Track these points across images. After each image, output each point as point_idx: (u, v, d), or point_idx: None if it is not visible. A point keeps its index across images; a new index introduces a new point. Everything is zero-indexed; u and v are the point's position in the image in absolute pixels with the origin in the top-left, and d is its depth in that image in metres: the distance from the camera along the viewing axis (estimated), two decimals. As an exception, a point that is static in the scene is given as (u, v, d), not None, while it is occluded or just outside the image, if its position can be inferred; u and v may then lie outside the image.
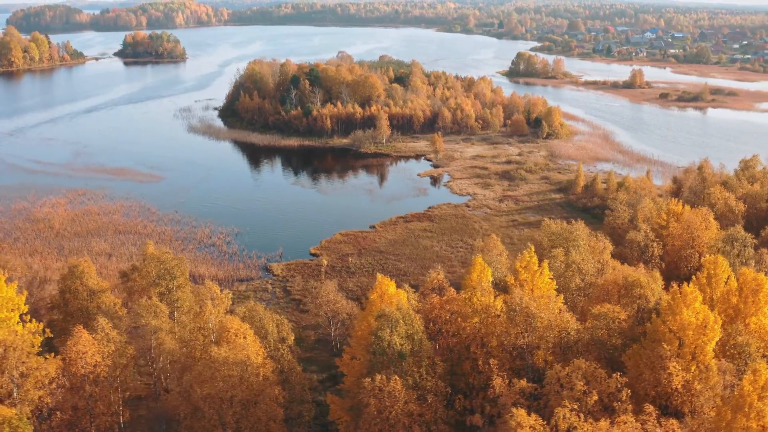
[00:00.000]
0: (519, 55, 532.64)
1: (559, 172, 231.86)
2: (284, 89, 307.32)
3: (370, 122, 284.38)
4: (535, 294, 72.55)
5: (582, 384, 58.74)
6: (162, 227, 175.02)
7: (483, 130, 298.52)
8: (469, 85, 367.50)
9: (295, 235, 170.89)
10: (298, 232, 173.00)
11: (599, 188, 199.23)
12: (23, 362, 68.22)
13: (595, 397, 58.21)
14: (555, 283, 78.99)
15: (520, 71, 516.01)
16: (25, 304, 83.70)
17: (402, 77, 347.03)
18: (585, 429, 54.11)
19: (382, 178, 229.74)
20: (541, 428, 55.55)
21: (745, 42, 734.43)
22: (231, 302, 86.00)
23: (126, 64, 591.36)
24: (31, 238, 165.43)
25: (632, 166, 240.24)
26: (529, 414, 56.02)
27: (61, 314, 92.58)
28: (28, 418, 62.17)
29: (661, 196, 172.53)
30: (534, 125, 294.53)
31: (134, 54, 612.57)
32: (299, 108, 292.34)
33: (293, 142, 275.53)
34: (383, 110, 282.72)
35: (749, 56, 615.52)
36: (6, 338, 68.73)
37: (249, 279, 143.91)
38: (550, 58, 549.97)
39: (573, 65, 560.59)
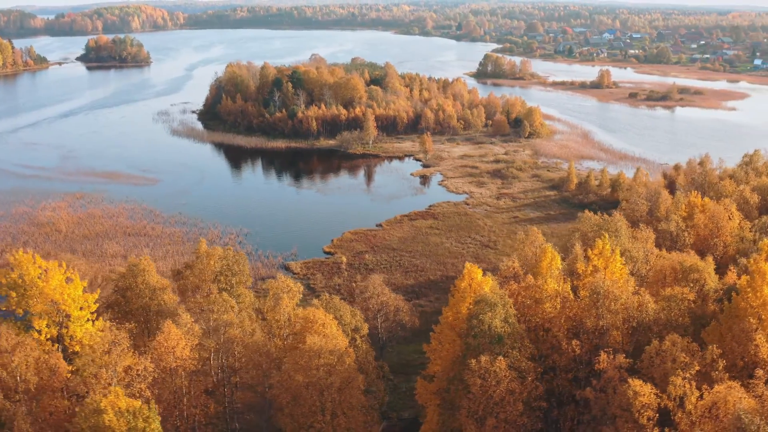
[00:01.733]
0: (486, 57, 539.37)
1: (548, 170, 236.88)
2: (267, 92, 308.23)
3: (354, 123, 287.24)
4: (610, 278, 76.13)
5: (684, 356, 62.53)
6: (170, 228, 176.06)
7: (465, 131, 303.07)
8: (444, 86, 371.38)
9: (305, 234, 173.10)
10: (308, 232, 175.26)
11: (593, 185, 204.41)
12: (126, 357, 69.97)
13: (697, 367, 62.03)
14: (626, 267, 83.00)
15: (487, 72, 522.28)
16: (95, 302, 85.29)
17: (378, 79, 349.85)
18: (697, 393, 58.11)
19: (377, 178, 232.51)
20: (655, 396, 59.30)
21: (702, 42, 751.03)
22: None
23: (89, 68, 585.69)
24: (40, 241, 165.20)
25: (616, 164, 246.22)
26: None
27: (119, 313, 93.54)
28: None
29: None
30: (514, 125, 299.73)
31: (98, 58, 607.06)
32: (284, 110, 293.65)
33: (280, 144, 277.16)
34: (370, 111, 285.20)
35: (708, 56, 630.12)
36: (110, 334, 70.41)
37: (270, 277, 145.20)
38: (517, 60, 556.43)
39: (536, 66, 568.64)
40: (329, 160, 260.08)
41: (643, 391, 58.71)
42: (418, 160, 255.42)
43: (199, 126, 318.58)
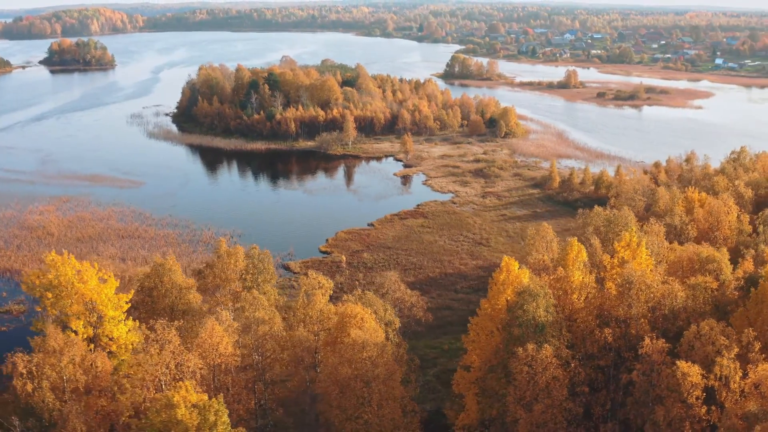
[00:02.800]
0: (453, 58, 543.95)
1: (529, 169, 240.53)
2: (244, 94, 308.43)
3: (332, 125, 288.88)
4: (638, 269, 78.95)
5: (724, 339, 65.47)
6: (163, 231, 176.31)
7: (441, 131, 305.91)
8: (415, 87, 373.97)
9: (299, 234, 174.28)
10: (301, 232, 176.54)
11: (576, 183, 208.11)
12: (177, 354, 71.16)
13: (736, 350, 65.00)
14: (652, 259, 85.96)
15: (455, 73, 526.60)
16: (126, 303, 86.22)
17: (350, 81, 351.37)
18: (740, 373, 61.19)
19: (361, 178, 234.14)
20: (701, 377, 62.20)
21: (663, 42, 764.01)
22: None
23: (53, 72, 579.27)
24: (33, 245, 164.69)
25: (593, 162, 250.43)
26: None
27: (145, 313, 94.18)
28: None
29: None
30: (489, 125, 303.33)
31: (62, 62, 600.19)
32: (262, 112, 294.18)
33: (259, 145, 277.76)
34: (348, 112, 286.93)
35: (669, 56, 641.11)
36: (162, 333, 71.51)
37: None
38: (484, 61, 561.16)
39: (501, 67, 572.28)
40: (310, 161, 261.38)
41: (691, 372, 61.48)
42: (399, 160, 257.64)
43: (175, 128, 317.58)
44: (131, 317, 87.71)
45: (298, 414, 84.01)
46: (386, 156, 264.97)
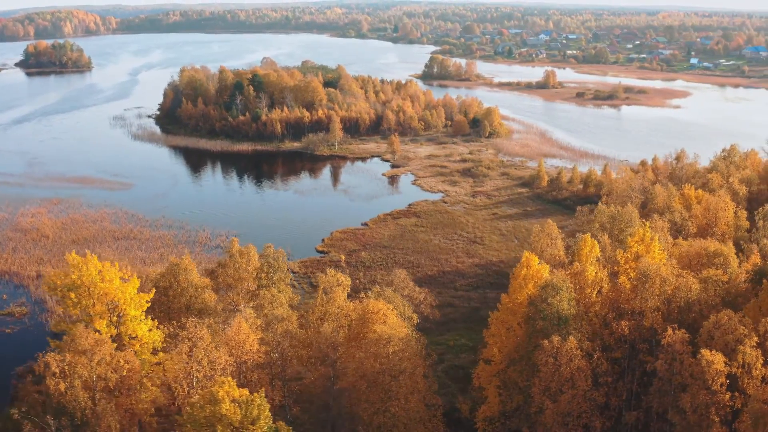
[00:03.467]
0: (432, 59, 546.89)
1: (516, 168, 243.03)
2: (228, 95, 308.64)
3: (318, 126, 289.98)
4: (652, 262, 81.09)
5: (743, 328, 67.69)
6: (158, 232, 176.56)
7: (426, 131, 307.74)
8: (397, 88, 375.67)
9: (294, 234, 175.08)
10: (296, 232, 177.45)
11: (564, 182, 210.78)
12: (209, 351, 72.23)
13: (756, 338, 67.22)
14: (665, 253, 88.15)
15: (433, 74, 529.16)
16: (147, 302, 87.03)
17: (332, 82, 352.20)
18: (762, 360, 63.49)
19: (350, 178, 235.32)
20: (725, 365, 64.35)
21: (637, 42, 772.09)
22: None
23: (29, 74, 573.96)
24: (29, 247, 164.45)
25: (578, 161, 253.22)
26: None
27: (160, 312, 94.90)
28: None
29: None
30: (473, 125, 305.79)
31: (38, 64, 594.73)
32: (247, 113, 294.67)
33: (245, 147, 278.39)
34: (334, 113, 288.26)
35: (644, 55, 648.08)
36: (194, 331, 72.54)
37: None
38: (463, 62, 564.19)
39: (478, 67, 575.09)
40: (298, 162, 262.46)
41: (716, 360, 63.62)
42: (386, 160, 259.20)
43: (159, 130, 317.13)
44: (149, 316, 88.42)
45: (313, 411, 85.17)
46: (373, 156, 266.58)
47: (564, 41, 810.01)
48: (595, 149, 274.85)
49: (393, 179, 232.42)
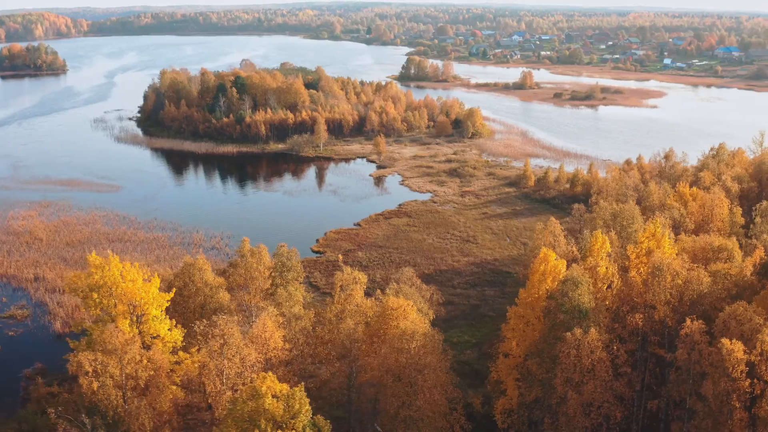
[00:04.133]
0: (409, 60, 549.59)
1: (501, 168, 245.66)
2: (211, 97, 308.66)
3: (302, 127, 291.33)
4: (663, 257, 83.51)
5: (759, 318, 70.10)
6: (153, 234, 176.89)
7: (409, 132, 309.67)
8: (377, 89, 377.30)
9: (287, 235, 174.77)
10: (290, 232, 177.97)
11: (551, 181, 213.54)
12: (240, 348, 73.43)
13: (772, 327, 69.94)
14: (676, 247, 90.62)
15: (411, 75, 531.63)
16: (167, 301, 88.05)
17: (313, 83, 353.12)
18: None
19: (338, 179, 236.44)
20: (744, 353, 66.70)
21: (610, 42, 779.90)
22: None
23: (3, 77, 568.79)
24: (23, 250, 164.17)
25: (561, 161, 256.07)
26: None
27: (175, 312, 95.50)
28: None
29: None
30: (455, 126, 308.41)
31: (12, 67, 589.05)
32: (231, 115, 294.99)
33: (230, 149, 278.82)
34: (320, 115, 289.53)
35: (618, 56, 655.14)
36: (225, 329, 73.68)
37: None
38: (440, 63, 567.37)
39: (453, 69, 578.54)
40: (284, 163, 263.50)
41: (736, 348, 65.98)
42: (372, 161, 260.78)
43: (141, 133, 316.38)
44: (166, 316, 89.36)
45: (327, 408, 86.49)
46: (358, 157, 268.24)
47: (537, 42, 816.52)
48: (577, 149, 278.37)
49: (381, 180, 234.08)
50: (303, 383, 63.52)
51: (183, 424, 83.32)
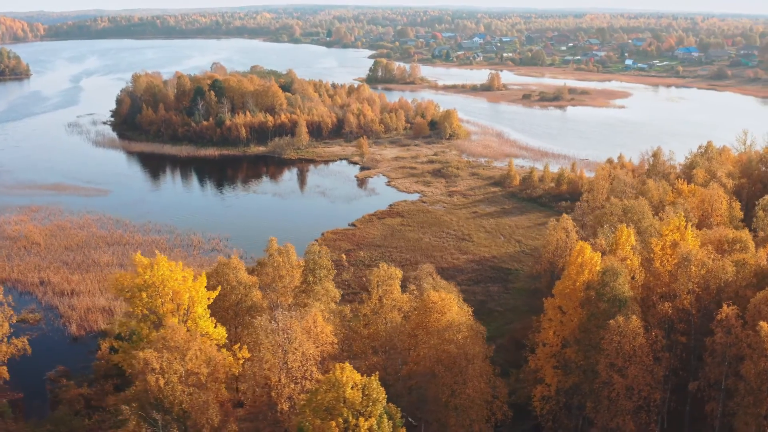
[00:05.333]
0: (377, 62, 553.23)
1: (483, 168, 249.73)
2: (190, 101, 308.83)
3: (281, 130, 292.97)
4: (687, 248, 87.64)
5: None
6: (150, 237, 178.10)
7: (386, 134, 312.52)
8: (350, 91, 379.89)
9: (285, 236, 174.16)
10: (287, 233, 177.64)
11: (536, 180, 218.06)
12: (302, 342, 75.74)
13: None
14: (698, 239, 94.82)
15: (378, 77, 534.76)
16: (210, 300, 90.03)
17: (286, 86, 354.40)
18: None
19: (324, 181, 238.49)
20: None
21: (570, 44, 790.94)
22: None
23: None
24: (22, 254, 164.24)
25: (540, 160, 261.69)
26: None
27: (211, 311, 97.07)
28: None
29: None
30: (431, 127, 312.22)
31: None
32: (210, 119, 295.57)
33: (211, 152, 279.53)
34: (301, 117, 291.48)
35: (579, 57, 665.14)
36: (284, 321, 75.92)
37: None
38: (407, 65, 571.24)
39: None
40: (267, 166, 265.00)
41: (773, 331, 70.44)
42: (354, 163, 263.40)
43: (117, 137, 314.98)
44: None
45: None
46: (340, 159, 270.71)
47: (499, 44, 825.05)
48: (554, 149, 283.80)
49: (367, 181, 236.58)
50: (378, 373, 66.06)
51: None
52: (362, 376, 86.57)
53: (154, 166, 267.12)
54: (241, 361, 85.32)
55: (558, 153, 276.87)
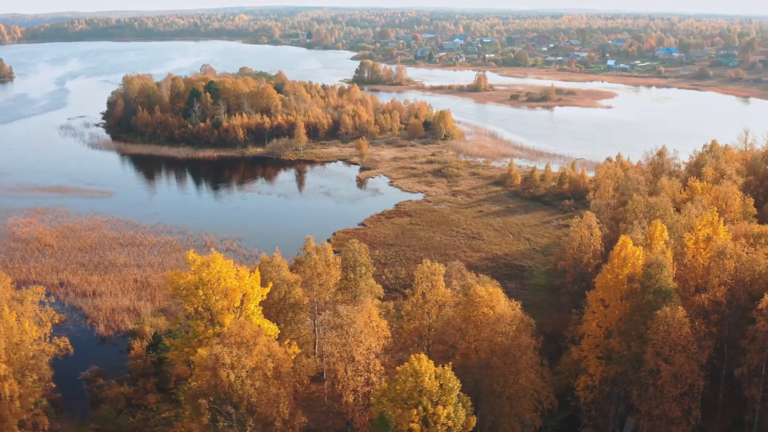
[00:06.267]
0: (363, 64, 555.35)
1: (482, 168, 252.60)
2: (185, 102, 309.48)
3: (278, 131, 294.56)
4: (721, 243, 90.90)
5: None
6: (164, 238, 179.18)
7: (381, 135, 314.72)
8: (341, 92, 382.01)
9: (298, 235, 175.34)
10: (299, 233, 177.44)
11: (537, 180, 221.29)
12: (361, 333, 77.93)
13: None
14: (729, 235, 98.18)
15: (365, 79, 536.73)
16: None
17: (277, 87, 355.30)
18: None
19: (326, 181, 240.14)
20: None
21: (551, 45, 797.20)
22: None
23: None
24: (36, 256, 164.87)
25: (536, 160, 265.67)
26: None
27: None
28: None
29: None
30: (425, 128, 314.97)
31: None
32: (207, 120, 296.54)
33: (210, 153, 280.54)
34: (299, 118, 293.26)
35: (561, 58, 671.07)
36: (348, 316, 78.06)
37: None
38: (393, 67, 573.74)
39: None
40: (267, 167, 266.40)
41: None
42: (353, 163, 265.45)
43: (111, 139, 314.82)
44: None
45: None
46: (339, 160, 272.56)
47: (480, 45, 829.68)
48: (549, 149, 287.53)
49: (369, 181, 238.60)
50: (451, 362, 68.37)
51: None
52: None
53: (153, 167, 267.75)
54: (292, 356, 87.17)
55: (553, 153, 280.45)
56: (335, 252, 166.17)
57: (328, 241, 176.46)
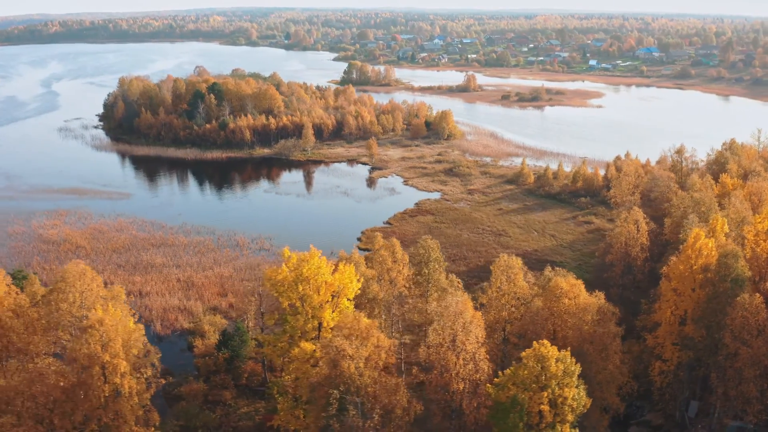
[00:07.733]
0: (351, 65, 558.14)
1: (492, 167, 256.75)
2: (189, 104, 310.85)
3: (284, 132, 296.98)
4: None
5: None
6: (193, 238, 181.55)
7: (384, 135, 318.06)
8: (336, 94, 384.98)
9: (327, 234, 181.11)
10: (328, 232, 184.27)
11: (550, 178, 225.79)
12: (471, 323, 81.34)
13: None
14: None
15: (353, 79, 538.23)
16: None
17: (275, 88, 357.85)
18: None
19: (341, 181, 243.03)
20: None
21: (531, 45, 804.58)
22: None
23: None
24: (71, 257, 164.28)
25: (541, 159, 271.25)
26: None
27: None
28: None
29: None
30: (427, 128, 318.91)
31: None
32: (213, 122, 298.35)
33: (217, 154, 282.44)
34: (307, 119, 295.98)
35: (543, 58, 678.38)
36: (456, 306, 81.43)
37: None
38: (381, 68, 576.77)
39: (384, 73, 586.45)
40: (277, 167, 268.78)
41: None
42: (363, 163, 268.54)
43: (112, 140, 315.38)
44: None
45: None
46: (348, 160, 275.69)
47: (460, 46, 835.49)
48: (551, 148, 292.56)
49: (382, 181, 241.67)
50: (569, 348, 72.09)
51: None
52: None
53: (162, 169, 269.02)
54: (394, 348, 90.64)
55: (556, 152, 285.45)
56: (368, 250, 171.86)
57: (358, 239, 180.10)
